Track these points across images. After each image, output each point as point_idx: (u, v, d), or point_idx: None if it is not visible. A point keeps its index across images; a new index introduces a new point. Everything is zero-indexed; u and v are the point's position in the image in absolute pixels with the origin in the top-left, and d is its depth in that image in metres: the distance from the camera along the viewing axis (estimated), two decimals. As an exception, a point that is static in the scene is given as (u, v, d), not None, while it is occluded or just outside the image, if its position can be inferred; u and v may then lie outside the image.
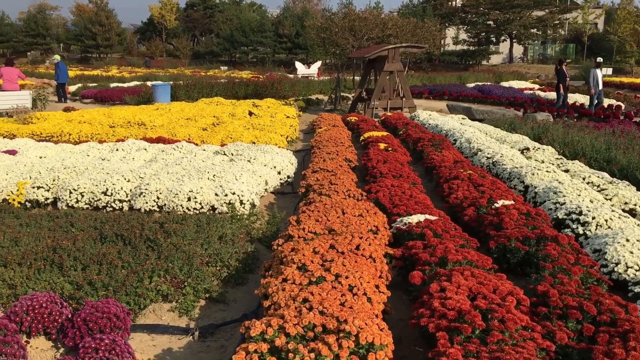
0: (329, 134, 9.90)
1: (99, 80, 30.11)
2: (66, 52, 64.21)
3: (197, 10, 69.95)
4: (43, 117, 12.58)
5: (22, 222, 5.28)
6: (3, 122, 12.24)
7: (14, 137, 10.49)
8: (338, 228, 4.41)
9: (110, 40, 60.59)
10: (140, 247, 4.50)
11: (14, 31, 64.36)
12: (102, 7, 63.15)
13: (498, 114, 14.40)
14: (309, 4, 70.10)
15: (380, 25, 16.94)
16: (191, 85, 20.28)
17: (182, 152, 8.61)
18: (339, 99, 18.02)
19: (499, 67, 42.86)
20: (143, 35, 71.53)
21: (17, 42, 63.14)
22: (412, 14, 37.92)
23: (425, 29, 18.00)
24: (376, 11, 22.46)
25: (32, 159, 8.00)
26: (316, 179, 6.43)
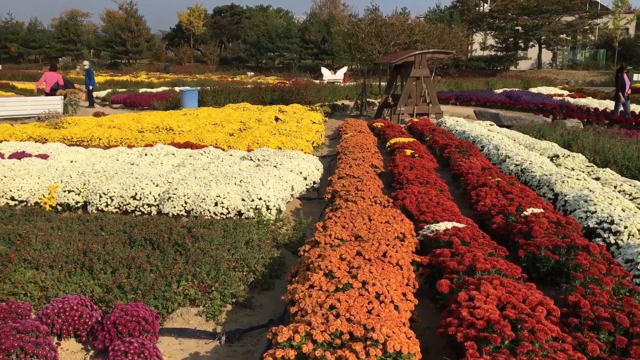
0: (355, 139, 9.89)
1: (128, 85, 30.60)
2: (96, 57, 65.52)
3: (224, 17, 70.72)
4: (74, 121, 12.83)
5: (54, 225, 5.38)
6: (35, 126, 12.51)
7: (46, 142, 10.71)
8: (365, 235, 4.40)
9: (139, 47, 61.59)
10: (169, 251, 4.55)
11: (46, 37, 65.88)
12: (132, 13, 64.22)
13: (526, 121, 14.22)
14: (335, 10, 70.26)
15: (407, 31, 16.88)
16: (218, 90, 20.47)
17: (210, 157, 8.69)
18: (364, 105, 18.00)
19: (527, 72, 42.37)
20: (171, 42, 72.56)
21: (49, 48, 64.62)
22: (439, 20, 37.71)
23: (452, 35, 17.89)
24: (403, 17, 22.43)
25: (63, 163, 8.15)
26: (342, 185, 6.42)
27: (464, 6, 52.41)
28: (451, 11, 50.62)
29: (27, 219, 5.70)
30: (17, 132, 11.40)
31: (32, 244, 4.63)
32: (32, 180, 6.89)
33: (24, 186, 6.72)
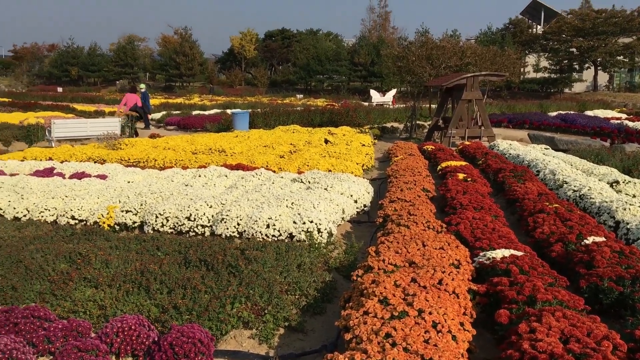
0: (406, 162, 9.81)
1: (182, 108, 31.42)
2: (151, 81, 67.69)
3: (275, 41, 72.04)
4: (131, 143, 13.24)
5: (112, 244, 5.53)
6: (94, 147, 12.98)
7: (104, 162, 11.09)
8: (419, 261, 4.33)
9: (192, 70, 63.34)
10: (223, 272, 4.60)
11: (104, 61, 68.62)
12: (186, 38, 66.27)
13: (583, 145, 13.80)
14: (384, 33, 70.55)
15: (458, 54, 16.76)
16: (268, 113, 20.77)
17: (261, 179, 8.78)
18: (414, 127, 17.89)
19: (583, 95, 41.26)
20: (223, 65, 74.30)
21: (107, 71, 67.24)
22: (491, 42, 37.32)
23: (505, 57, 17.62)
24: (454, 40, 22.29)
25: (121, 183, 8.41)
26: (394, 209, 6.37)
27: (516, 28, 51.76)
28: (503, 33, 50.02)
29: (87, 238, 5.88)
30: (77, 153, 11.85)
31: (92, 263, 4.77)
32: (92, 200, 7.12)
33: (84, 206, 6.95)
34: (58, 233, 6.09)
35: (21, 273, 4.67)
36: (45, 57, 78.22)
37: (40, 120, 18.29)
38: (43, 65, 75.55)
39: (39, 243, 5.61)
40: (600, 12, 43.14)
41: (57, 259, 4.94)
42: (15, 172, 9.81)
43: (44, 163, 10.51)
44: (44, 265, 4.77)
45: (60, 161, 11.09)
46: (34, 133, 16.14)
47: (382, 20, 74.19)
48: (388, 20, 74.44)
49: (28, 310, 3.63)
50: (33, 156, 11.76)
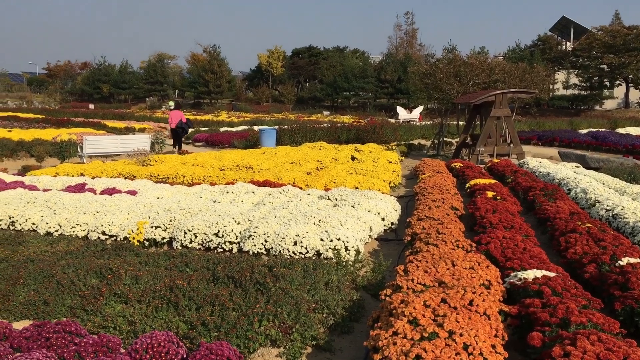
0: (434, 180, 9.74)
1: (210, 124, 31.81)
2: (180, 97, 68.78)
3: (302, 58, 72.65)
4: (160, 159, 13.43)
5: (142, 260, 5.59)
6: (125, 164, 13.19)
7: (134, 178, 11.25)
8: (449, 281, 4.28)
9: (221, 87, 64.19)
10: (250, 290, 4.60)
11: (135, 79, 70.03)
12: (215, 56, 67.27)
13: (615, 163, 13.53)
14: (411, 50, 70.61)
15: (486, 71, 16.64)
16: (295, 129, 20.88)
17: (288, 196, 8.80)
18: (442, 145, 17.78)
19: (614, 112, 40.58)
20: (251, 82, 75.13)
21: (137, 88, 68.58)
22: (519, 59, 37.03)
23: (534, 74, 17.44)
24: (482, 57, 22.17)
25: (150, 199, 8.51)
26: (422, 227, 6.31)
27: (545, 44, 51.32)
28: (532, 50, 49.64)
29: (117, 253, 5.96)
30: (108, 169, 12.06)
31: (122, 278, 4.82)
32: (122, 215, 7.22)
33: (115, 221, 7.05)
34: (89, 248, 6.18)
35: (53, 288, 4.75)
36: (78, 75, 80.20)
37: (73, 136, 18.70)
38: (76, 83, 77.43)
39: (71, 258, 5.70)
40: (632, 29, 42.55)
41: (88, 274, 5.01)
42: (48, 187, 10.02)
43: (76, 179, 10.72)
44: (75, 280, 4.84)
45: (91, 177, 11.30)
46: (66, 149, 16.50)
47: (409, 37, 74.30)
48: (415, 37, 74.54)
49: (60, 325, 3.68)
50: (65, 172, 12.01)
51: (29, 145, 16.66)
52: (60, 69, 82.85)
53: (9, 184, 10.17)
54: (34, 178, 10.93)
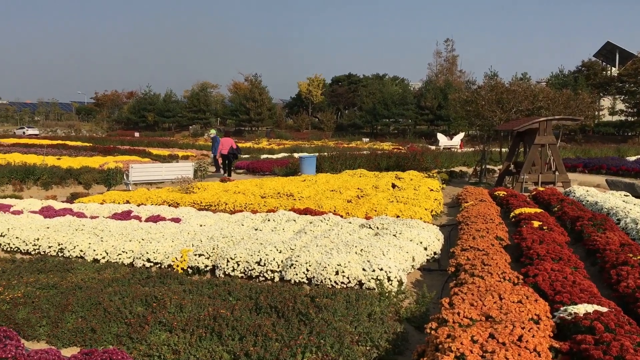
0: (477, 209, 9.58)
1: (251, 152, 32.23)
2: (222, 125, 70.08)
3: (341, 86, 73.28)
4: (203, 187, 13.64)
5: (186, 288, 5.64)
6: (169, 191, 13.45)
7: (178, 206, 11.44)
8: (496, 315, 4.16)
9: (261, 115, 65.18)
10: (293, 320, 4.58)
11: (179, 107, 71.83)
12: (256, 84, 68.49)
13: (667, 191, 13.05)
14: (451, 76, 70.37)
15: (530, 98, 16.40)
16: (335, 157, 20.95)
17: (329, 224, 8.79)
18: (484, 172, 17.52)
19: (663, 138, 39.33)
20: (291, 110, 76.09)
21: (181, 117, 70.28)
22: (563, 85, 36.44)
23: (579, 101, 17.11)
24: (525, 83, 21.90)
25: (193, 227, 8.62)
26: (467, 258, 6.19)
27: (589, 70, 50.39)
28: (576, 75, 48.78)
29: (161, 281, 6.04)
30: (152, 197, 12.31)
31: (167, 306, 4.87)
32: (167, 243, 7.34)
33: (159, 249, 7.16)
34: (134, 276, 6.29)
35: (100, 315, 4.83)
36: (124, 104, 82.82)
37: (119, 164, 19.22)
38: (122, 112, 79.94)
39: (117, 285, 5.80)
40: (680, 53, 41.44)
41: (134, 301, 5.08)
42: (95, 214, 10.29)
43: (122, 206, 10.97)
44: (122, 308, 4.92)
45: (137, 204, 11.55)
46: (113, 177, 16.96)
47: (449, 64, 74.15)
48: (455, 64, 74.34)
49: (107, 354, 3.73)
50: (112, 199, 12.31)
51: (77, 172, 17.19)
52: (107, 98, 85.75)
53: (58, 211, 10.48)
54: (81, 205, 11.24)
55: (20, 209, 10.75)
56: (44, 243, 7.94)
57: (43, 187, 15.98)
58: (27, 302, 5.24)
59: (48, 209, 10.67)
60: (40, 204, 11.38)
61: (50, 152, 26.12)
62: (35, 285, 5.80)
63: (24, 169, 16.69)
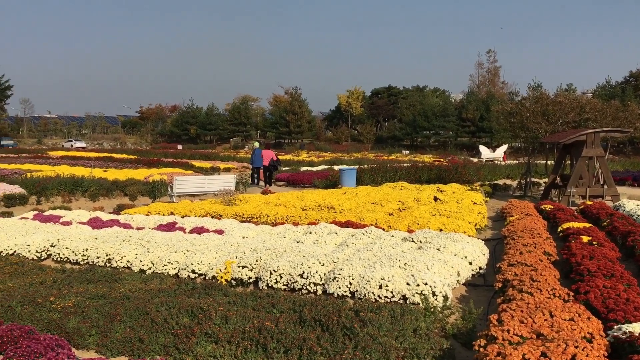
0: (523, 223, 9.37)
1: (291, 164, 32.42)
2: (262, 138, 70.84)
3: (381, 98, 73.20)
4: (245, 199, 13.77)
5: (230, 300, 5.69)
6: (212, 203, 13.63)
7: (221, 217, 11.58)
8: (547, 333, 4.05)
9: (301, 127, 65.63)
10: (338, 334, 4.55)
11: (220, 120, 72.98)
12: (296, 97, 69.11)
13: None
14: (493, 87, 69.46)
15: (576, 109, 16.01)
16: (375, 169, 20.87)
17: (371, 237, 8.73)
18: (529, 185, 17.14)
19: None
20: (330, 122, 76.33)
21: (222, 130, 71.35)
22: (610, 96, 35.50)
23: (628, 112, 16.61)
24: (571, 94, 21.43)
25: (236, 239, 8.70)
26: (514, 273, 6.05)
27: (637, 81, 48.96)
28: (624, 86, 47.45)
29: (206, 292, 6.10)
30: (196, 208, 12.49)
31: (213, 318, 4.91)
32: (211, 255, 7.42)
33: (204, 260, 7.25)
34: (180, 287, 6.38)
35: (147, 325, 4.91)
36: (167, 117, 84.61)
37: (164, 176, 19.61)
38: (165, 125, 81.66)
39: (164, 296, 5.89)
40: None
41: (180, 312, 5.15)
42: (141, 225, 10.50)
43: (167, 218, 11.17)
44: (169, 318, 4.99)
45: (181, 216, 11.74)
46: (157, 189, 17.30)
47: (491, 75, 73.26)
48: (497, 75, 73.41)
49: (155, 364, 3.78)
50: (157, 211, 12.56)
51: (123, 184, 17.62)
52: (151, 111, 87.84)
53: (105, 222, 10.75)
54: (128, 216, 11.50)
55: (70, 220, 11.07)
56: (92, 253, 8.14)
57: (90, 198, 16.43)
58: (78, 311, 5.37)
59: (96, 220, 10.95)
60: (89, 215, 11.69)
61: (97, 164, 26.86)
62: (85, 295, 5.94)
63: (72, 181, 17.20)
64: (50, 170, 21.28)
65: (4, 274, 7.37)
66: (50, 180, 17.15)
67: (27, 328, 4.61)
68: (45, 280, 6.83)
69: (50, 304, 5.58)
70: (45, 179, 17.54)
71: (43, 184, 16.53)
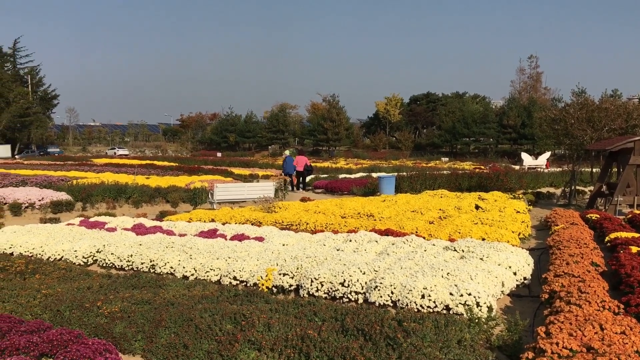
0: (569, 233, 9.14)
1: (329, 171, 32.44)
2: (300, 145, 71.20)
3: (420, 105, 72.69)
4: (284, 206, 13.84)
5: (272, 307, 5.71)
6: (252, 210, 13.74)
7: (261, 225, 11.66)
8: (598, 346, 3.92)
9: (339, 135, 65.68)
10: (381, 344, 4.51)
11: (259, 128, 73.73)
12: (334, 104, 69.24)
13: None
14: (535, 94, 68.13)
15: (623, 115, 15.57)
16: (414, 177, 20.70)
17: (412, 246, 8.65)
18: (573, 194, 16.72)
19: None
20: (368, 129, 76.17)
21: (261, 137, 72.06)
22: (658, 100, 34.33)
23: (678, 119, 16.07)
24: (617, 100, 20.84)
25: (277, 246, 8.74)
26: (561, 284, 5.90)
27: (687, 84, 47.27)
28: (672, 91, 45.85)
29: (248, 299, 6.15)
30: (236, 215, 12.62)
31: (256, 325, 4.94)
32: (252, 262, 7.48)
33: (245, 267, 7.31)
34: (223, 294, 6.44)
35: (192, 331, 4.97)
36: (207, 125, 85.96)
37: (205, 184, 19.88)
38: (205, 133, 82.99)
39: (207, 302, 5.96)
40: None
41: (224, 319, 5.19)
42: (183, 232, 10.67)
43: (208, 224, 11.32)
44: (212, 325, 5.04)
45: (221, 223, 11.88)
46: (198, 196, 17.57)
47: (533, 81, 71.92)
48: (539, 81, 72.01)
49: (200, 370, 3.82)
50: (198, 217, 12.74)
51: (165, 191, 17.95)
52: (192, 119, 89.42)
53: (149, 228, 10.96)
54: (170, 223, 11.70)
55: (114, 226, 11.33)
56: (137, 259, 8.31)
57: (134, 205, 16.79)
58: (124, 316, 5.48)
59: (139, 227, 11.18)
60: (132, 221, 11.95)
61: (140, 171, 27.43)
62: (130, 300, 6.06)
63: (116, 187, 17.62)
64: (94, 177, 21.85)
65: (52, 279, 7.58)
66: (95, 187, 17.61)
67: (76, 332, 4.73)
68: (92, 286, 6.99)
69: (97, 309, 5.71)
70: (90, 186, 18.01)
71: (88, 191, 16.98)
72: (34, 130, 67.48)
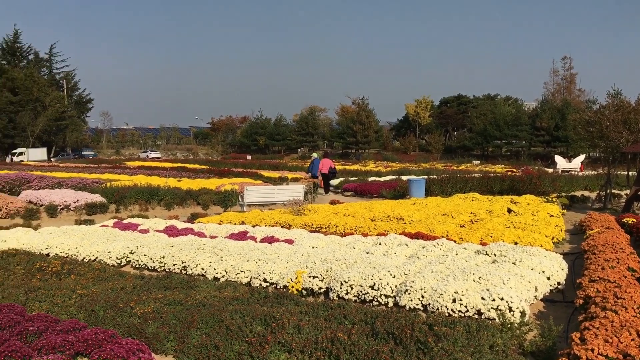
0: (604, 237, 8.93)
1: (358, 174, 32.38)
2: (329, 148, 71.27)
3: (450, 107, 72.04)
4: (314, 209, 13.86)
5: (302, 309, 5.73)
6: (281, 213, 13.81)
7: (290, 227, 11.71)
8: (635, 353, 3.83)
9: (368, 137, 65.57)
10: (411, 348, 4.49)
11: (288, 131, 74.13)
12: (363, 107, 69.16)
13: None
14: (569, 95, 66.89)
15: (661, 117, 15.19)
16: (445, 180, 20.48)
17: (442, 249, 8.57)
18: (609, 197, 16.34)
19: None
20: (398, 132, 75.84)
21: (290, 140, 72.43)
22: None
23: None
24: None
25: (306, 249, 8.76)
26: (596, 290, 5.77)
27: None
28: None
29: (278, 301, 6.18)
30: (266, 218, 12.70)
31: (286, 327, 4.96)
32: (282, 264, 7.51)
33: (275, 269, 7.35)
34: (253, 295, 6.49)
35: (223, 333, 5.01)
36: (237, 128, 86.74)
37: (235, 186, 20.06)
38: (235, 136, 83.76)
39: (237, 304, 6.01)
40: None
41: (254, 321, 5.23)
42: (214, 234, 10.78)
43: (238, 227, 11.41)
44: (243, 326, 5.08)
45: (251, 225, 11.96)
46: (228, 198, 17.73)
47: (567, 82, 70.63)
48: (573, 82, 70.70)
49: (231, 371, 3.85)
50: (228, 220, 12.85)
51: (196, 194, 18.16)
52: (222, 123, 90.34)
53: (180, 230, 11.11)
54: (201, 225, 11.84)
55: (147, 228, 11.52)
56: (169, 261, 8.42)
57: (166, 207, 17.03)
58: (157, 317, 5.56)
59: (171, 229, 11.34)
60: (165, 223, 12.12)
61: (172, 174, 27.79)
62: (162, 301, 6.15)
63: (149, 190, 17.90)
64: (128, 180, 22.23)
65: (87, 279, 7.74)
66: (128, 190, 17.92)
67: (110, 332, 4.82)
68: (126, 286, 7.12)
69: (130, 309, 5.81)
70: (124, 188, 18.34)
71: (122, 193, 17.29)
72: (69, 134, 69.14)
